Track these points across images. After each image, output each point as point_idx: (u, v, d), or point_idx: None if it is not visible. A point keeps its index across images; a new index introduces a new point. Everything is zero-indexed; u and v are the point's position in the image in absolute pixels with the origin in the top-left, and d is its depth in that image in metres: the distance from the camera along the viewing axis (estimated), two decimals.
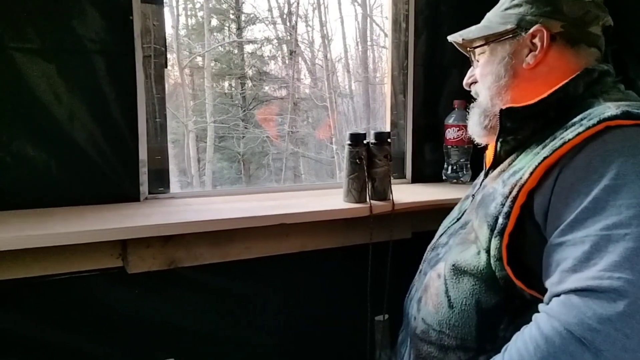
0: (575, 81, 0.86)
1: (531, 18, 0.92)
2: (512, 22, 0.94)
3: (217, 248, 1.24)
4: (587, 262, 0.65)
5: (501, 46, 0.96)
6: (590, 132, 0.73)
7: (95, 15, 1.20)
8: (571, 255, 0.68)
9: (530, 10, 0.92)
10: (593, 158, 0.72)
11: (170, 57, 7.44)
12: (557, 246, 0.71)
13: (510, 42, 0.94)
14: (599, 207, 0.68)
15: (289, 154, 8.45)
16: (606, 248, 0.64)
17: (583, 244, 0.67)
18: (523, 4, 0.94)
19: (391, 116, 1.75)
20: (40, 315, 1.17)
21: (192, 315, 1.31)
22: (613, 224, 0.65)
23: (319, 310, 1.45)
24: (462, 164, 1.66)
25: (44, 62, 1.16)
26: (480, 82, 1.01)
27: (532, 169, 0.77)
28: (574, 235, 0.69)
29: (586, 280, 0.64)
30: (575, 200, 0.70)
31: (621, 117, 0.73)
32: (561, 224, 0.71)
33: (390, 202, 1.32)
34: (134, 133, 1.28)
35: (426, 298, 0.92)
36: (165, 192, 1.38)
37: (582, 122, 0.76)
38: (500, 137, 0.91)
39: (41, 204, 1.19)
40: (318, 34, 8.94)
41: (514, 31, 0.94)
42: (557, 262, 0.70)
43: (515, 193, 0.78)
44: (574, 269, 0.66)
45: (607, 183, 0.69)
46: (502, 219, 0.78)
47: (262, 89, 8.97)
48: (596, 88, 0.87)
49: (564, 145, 0.75)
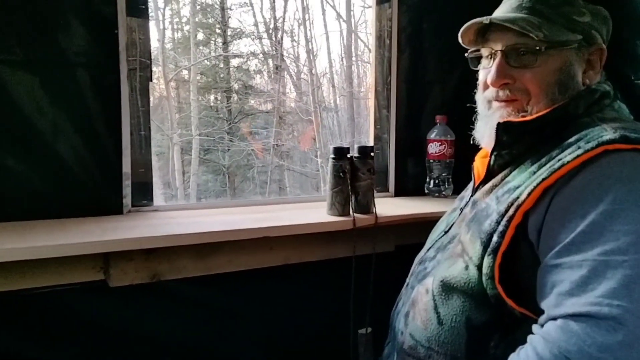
0: (576, 101, 0.86)
1: (595, 34, 0.89)
2: (579, 31, 0.88)
3: (201, 261, 1.24)
4: (585, 287, 0.65)
5: (563, 54, 0.88)
6: (588, 155, 0.73)
7: (80, 29, 1.21)
8: (568, 278, 0.68)
9: (594, 24, 0.89)
10: (591, 181, 0.72)
11: (156, 70, 7.44)
12: (553, 267, 0.71)
13: (573, 52, 0.89)
14: (597, 231, 0.68)
15: (274, 167, 8.45)
16: (604, 274, 0.65)
17: (580, 268, 0.67)
18: (587, 14, 0.89)
19: (375, 130, 1.77)
20: (21, 330, 1.15)
21: (175, 328, 1.30)
22: (611, 250, 0.66)
23: (302, 323, 1.45)
24: (444, 178, 1.69)
25: (27, 74, 1.16)
26: (529, 85, 0.89)
27: (531, 190, 0.76)
28: (570, 258, 0.69)
29: (584, 305, 0.64)
30: (572, 222, 0.71)
31: (619, 142, 0.73)
32: (557, 245, 0.71)
33: (373, 215, 1.33)
34: (117, 146, 1.28)
35: (414, 313, 0.91)
36: (149, 205, 1.38)
37: (580, 145, 0.76)
38: (495, 151, 0.90)
39: (23, 216, 1.18)
40: (303, 49, 9.02)
41: (579, 42, 0.88)
42: (553, 284, 0.70)
43: (512, 213, 0.77)
44: (571, 292, 0.66)
45: (605, 208, 0.69)
46: (497, 238, 0.78)
47: (247, 102, 9.00)
48: (594, 108, 0.87)
49: (562, 167, 0.75)
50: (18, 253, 0.97)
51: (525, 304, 0.77)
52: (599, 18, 0.91)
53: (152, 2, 6.60)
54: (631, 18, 1.60)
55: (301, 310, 1.45)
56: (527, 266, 0.77)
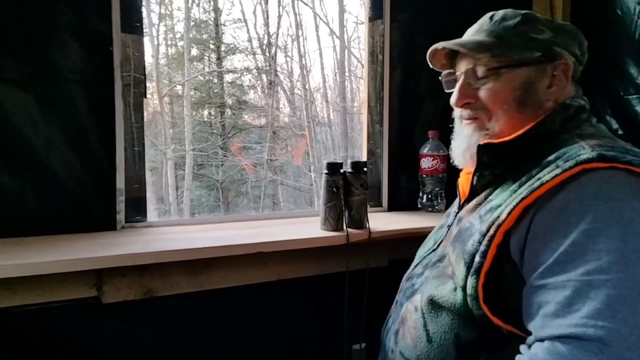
0: (552, 118, 0.87)
1: (558, 49, 0.90)
2: (538, 48, 0.89)
3: (194, 277, 1.24)
4: (569, 308, 0.66)
5: (521, 72, 0.90)
6: (566, 174, 0.74)
7: (75, 46, 1.22)
8: (553, 299, 0.68)
9: (556, 39, 0.90)
10: (571, 200, 0.72)
11: (150, 86, 7.46)
12: (537, 288, 0.71)
13: (533, 69, 0.90)
14: (579, 251, 0.68)
15: (268, 181, 8.45)
16: (587, 294, 0.65)
17: (564, 289, 0.67)
18: (546, 31, 0.90)
19: (368, 145, 1.78)
20: (13, 347, 1.14)
21: (169, 344, 1.29)
22: (593, 269, 0.66)
23: (296, 339, 1.45)
24: (437, 192, 1.70)
25: (22, 91, 1.17)
26: (490, 104, 0.92)
27: (510, 209, 0.77)
28: (554, 279, 0.69)
29: (569, 327, 0.64)
30: (554, 242, 0.71)
31: (597, 160, 0.73)
32: (540, 265, 0.71)
33: (366, 230, 1.34)
34: (111, 161, 1.28)
35: (404, 331, 0.91)
36: (143, 221, 1.38)
37: (558, 164, 0.76)
38: (477, 171, 0.90)
39: (16, 232, 1.18)
40: (297, 64, 9.07)
41: (539, 58, 0.89)
42: (539, 305, 0.70)
43: (493, 232, 0.78)
44: (556, 313, 0.67)
45: (586, 227, 0.69)
46: (479, 258, 0.78)
47: (241, 117, 9.02)
48: (570, 124, 0.87)
49: (541, 186, 0.75)
50: (10, 270, 0.96)
51: (512, 322, 0.77)
52: (564, 34, 0.91)
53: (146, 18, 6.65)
54: (620, 36, 1.63)
55: (295, 325, 1.44)
56: (511, 285, 0.77)
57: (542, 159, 0.81)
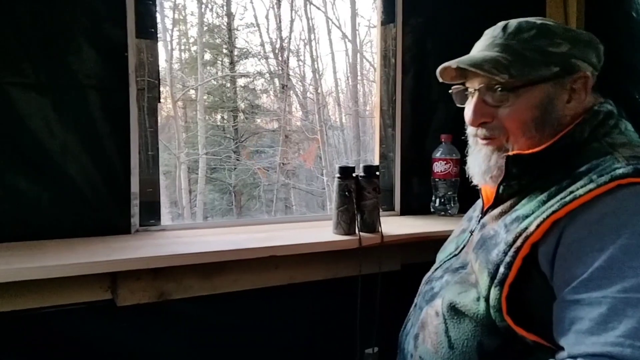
0: (581, 126, 0.84)
1: (575, 61, 0.86)
2: (556, 63, 0.85)
3: (207, 280, 1.24)
4: (605, 325, 0.64)
5: (537, 89, 0.86)
6: (602, 189, 0.72)
7: (90, 52, 1.23)
8: (587, 316, 0.66)
9: (573, 51, 0.86)
10: (606, 214, 0.71)
11: (164, 91, 7.53)
12: (570, 303, 0.69)
13: (552, 85, 0.86)
14: (615, 267, 0.66)
15: (280, 185, 8.47)
16: (624, 312, 0.63)
17: (600, 306, 0.65)
18: (564, 43, 0.86)
19: (380, 149, 1.78)
20: (28, 349, 1.15)
21: (182, 347, 1.30)
22: (631, 287, 0.64)
23: (308, 343, 1.45)
24: (450, 196, 1.69)
25: (38, 96, 1.19)
26: (508, 124, 0.89)
27: (540, 222, 0.75)
28: (589, 294, 0.67)
29: (605, 345, 0.62)
30: (588, 256, 0.69)
31: (632, 175, 0.72)
32: (573, 280, 0.70)
33: (379, 234, 1.34)
34: (126, 166, 1.29)
35: (424, 336, 0.90)
36: (156, 225, 1.39)
37: (592, 177, 0.75)
38: (504, 182, 0.88)
39: (32, 236, 1.19)
40: (309, 68, 9.11)
41: (556, 73, 0.86)
42: (571, 321, 0.68)
43: (520, 244, 0.76)
44: (590, 331, 0.65)
45: (623, 242, 0.67)
46: (504, 269, 0.77)
47: (254, 121, 9.06)
48: (599, 131, 0.85)
49: (574, 200, 0.73)
50: (27, 273, 0.98)
51: (537, 332, 0.76)
52: (581, 44, 0.87)
53: (160, 24, 6.71)
54: (635, 38, 1.62)
55: (307, 329, 1.45)
56: (539, 296, 0.76)
57: (573, 169, 0.79)
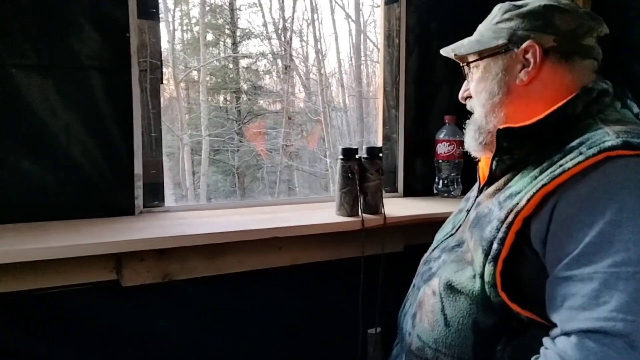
0: (573, 102, 0.84)
1: (523, 33, 0.90)
2: (503, 37, 0.92)
3: (211, 261, 1.25)
4: (597, 300, 0.64)
5: (494, 62, 0.94)
6: (590, 161, 0.72)
7: (92, 32, 1.22)
8: (579, 291, 0.67)
9: (522, 24, 0.91)
10: (595, 189, 0.71)
11: (166, 72, 7.50)
12: (562, 280, 0.70)
13: (503, 57, 0.93)
14: (606, 242, 0.67)
15: (283, 167, 8.47)
16: (615, 286, 0.64)
17: (591, 281, 0.66)
18: (514, 18, 0.92)
19: (383, 130, 1.77)
20: (33, 329, 1.17)
21: (186, 327, 1.32)
22: (622, 261, 0.65)
23: (310, 323, 1.46)
24: (453, 178, 1.69)
25: (40, 78, 1.18)
26: (475, 99, 0.99)
27: (530, 196, 0.75)
28: (580, 270, 0.68)
29: (597, 321, 0.63)
30: (579, 232, 0.69)
31: (621, 148, 0.71)
32: (565, 257, 0.70)
33: (382, 215, 1.34)
34: (129, 147, 1.29)
35: (421, 314, 0.91)
36: (160, 206, 1.39)
37: (582, 150, 0.74)
38: (496, 156, 0.89)
39: (36, 217, 1.20)
40: (312, 49, 9.04)
41: (505, 46, 0.92)
42: (564, 297, 0.69)
43: (511, 219, 0.77)
44: (582, 306, 0.66)
45: (612, 217, 0.68)
46: (497, 245, 0.77)
47: (256, 102, 9.03)
48: (593, 108, 0.85)
49: (563, 173, 0.73)
50: (33, 253, 0.99)
51: (531, 309, 0.76)
52: (531, 16, 0.91)
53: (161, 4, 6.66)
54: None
55: (310, 310, 1.46)
56: (532, 273, 0.76)
57: (565, 144, 0.79)
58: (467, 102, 1.03)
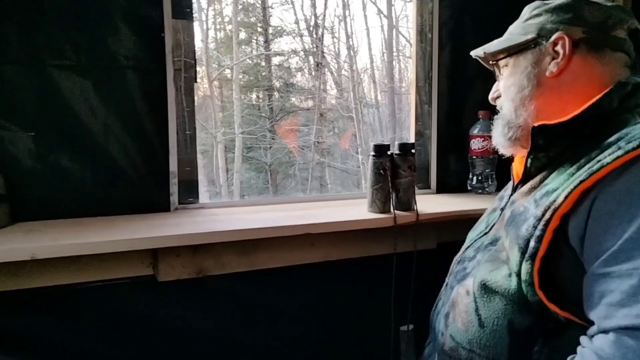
0: (609, 96, 0.82)
1: (552, 26, 0.90)
2: (532, 31, 0.92)
3: (244, 257, 1.27)
4: (636, 297, 0.63)
5: (523, 57, 0.94)
6: (629, 156, 0.70)
7: (128, 33, 1.25)
8: (617, 288, 0.65)
9: (551, 18, 0.91)
10: (635, 183, 0.69)
11: (200, 70, 7.61)
12: (600, 276, 0.68)
13: (532, 51, 0.92)
14: None
15: (315, 164, 8.49)
16: None
17: (630, 277, 0.64)
18: (543, 14, 0.92)
19: (416, 126, 1.75)
20: (73, 322, 1.21)
21: (219, 322, 1.34)
22: None
23: (342, 320, 1.46)
24: (487, 174, 1.66)
25: (80, 77, 1.22)
26: (504, 94, 0.98)
27: (568, 193, 0.73)
28: (619, 267, 0.66)
29: (637, 317, 0.62)
30: (618, 228, 0.68)
31: None
32: (603, 253, 0.68)
33: (414, 212, 1.33)
34: (164, 145, 1.32)
35: (454, 314, 0.90)
36: (195, 203, 1.42)
37: (620, 145, 0.72)
38: (531, 154, 0.87)
39: (76, 214, 1.24)
40: (344, 45, 9.03)
41: (534, 40, 0.92)
42: (602, 294, 0.67)
43: (549, 216, 0.75)
44: (621, 303, 0.64)
45: None
46: (534, 243, 0.75)
47: (289, 100, 9.08)
48: (630, 102, 0.82)
49: (601, 169, 0.71)
50: (74, 248, 1.02)
51: (569, 309, 0.75)
52: (560, 10, 0.91)
53: (195, 3, 6.75)
54: None
55: (342, 306, 1.46)
56: (570, 271, 0.75)
57: (602, 140, 0.77)
58: (497, 102, 1.03)
